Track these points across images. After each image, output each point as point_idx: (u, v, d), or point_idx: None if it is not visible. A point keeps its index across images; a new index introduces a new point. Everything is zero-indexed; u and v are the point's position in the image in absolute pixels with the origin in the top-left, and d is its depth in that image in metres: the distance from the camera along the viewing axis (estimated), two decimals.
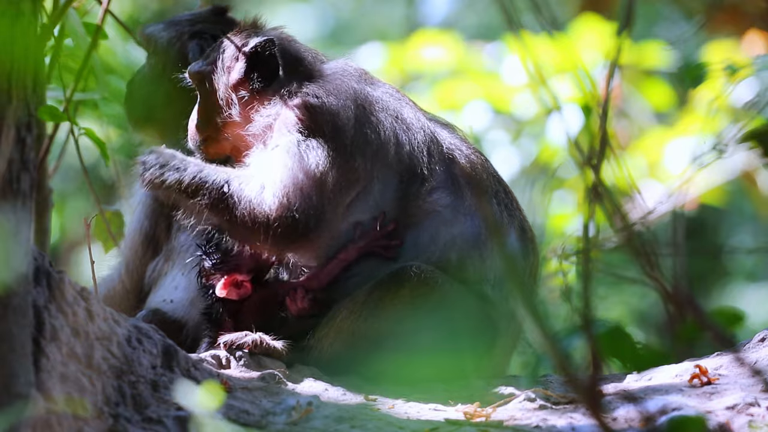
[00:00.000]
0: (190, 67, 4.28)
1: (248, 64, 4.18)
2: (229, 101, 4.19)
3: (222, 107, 4.20)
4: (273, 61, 4.17)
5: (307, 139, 4.02)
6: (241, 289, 4.08)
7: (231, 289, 4.08)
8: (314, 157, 3.99)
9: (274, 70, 4.17)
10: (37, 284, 3.17)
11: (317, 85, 4.13)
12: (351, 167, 4.02)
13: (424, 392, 3.81)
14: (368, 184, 4.05)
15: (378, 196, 4.06)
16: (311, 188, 3.96)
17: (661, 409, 3.28)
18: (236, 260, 4.09)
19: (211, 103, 4.23)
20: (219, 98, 4.20)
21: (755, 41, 7.21)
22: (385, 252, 4.03)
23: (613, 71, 3.03)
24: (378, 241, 4.03)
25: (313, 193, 3.96)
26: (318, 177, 3.97)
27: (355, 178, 4.03)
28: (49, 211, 4.89)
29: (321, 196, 3.97)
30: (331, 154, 3.99)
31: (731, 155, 3.46)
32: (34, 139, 3.01)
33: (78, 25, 4.64)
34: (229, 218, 4.00)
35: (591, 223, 2.93)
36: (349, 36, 10.05)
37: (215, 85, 4.21)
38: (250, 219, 3.96)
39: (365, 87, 4.16)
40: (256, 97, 4.17)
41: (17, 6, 2.93)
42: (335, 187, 3.99)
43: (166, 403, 3.31)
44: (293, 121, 4.06)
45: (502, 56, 7.64)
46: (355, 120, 4.06)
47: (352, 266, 4.05)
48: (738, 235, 9.08)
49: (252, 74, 4.17)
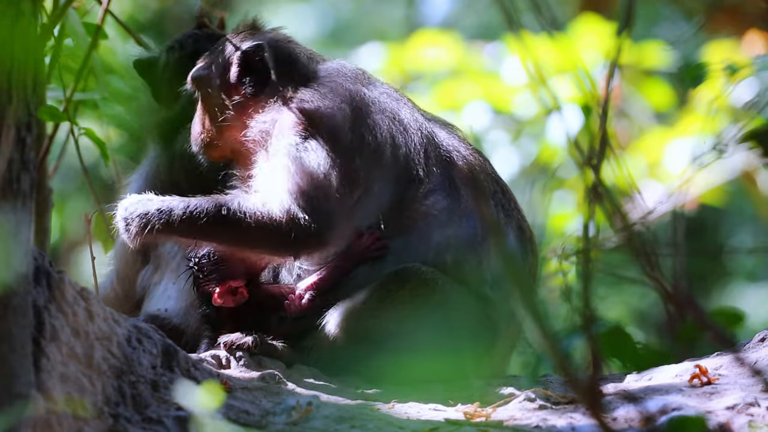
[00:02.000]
0: (191, 73, 4.27)
1: (240, 69, 4.17)
2: (224, 106, 4.17)
3: (222, 113, 4.18)
4: (264, 66, 4.16)
5: (306, 142, 4.01)
6: (237, 295, 4.08)
7: (227, 297, 4.07)
8: (315, 159, 3.97)
9: (266, 75, 4.16)
10: (37, 284, 3.17)
11: (312, 87, 4.12)
12: (352, 168, 4.01)
13: (424, 392, 3.81)
14: (369, 186, 4.04)
15: (377, 198, 4.06)
16: (317, 191, 3.95)
17: (661, 409, 3.28)
18: (227, 267, 4.07)
19: (209, 108, 4.22)
20: (218, 103, 4.19)
21: (755, 41, 7.21)
22: (378, 253, 4.04)
23: (613, 71, 3.03)
24: (375, 245, 4.03)
25: (319, 195, 3.94)
26: (322, 179, 3.96)
27: (356, 179, 4.02)
28: (49, 211, 4.88)
29: (327, 198, 3.96)
30: (332, 155, 3.98)
31: (731, 155, 3.46)
32: (34, 139, 3.01)
33: (78, 25, 4.64)
34: (236, 237, 3.96)
35: (591, 223, 2.93)
36: (349, 36, 10.05)
37: (213, 89, 4.21)
38: (259, 231, 3.92)
39: (361, 88, 4.15)
40: (251, 101, 4.16)
41: (17, 6, 2.93)
42: (340, 188, 3.97)
43: (166, 403, 3.31)
44: (291, 125, 4.04)
45: (502, 56, 7.64)
46: (351, 122, 4.05)
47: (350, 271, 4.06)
48: (738, 235, 9.08)
49: (244, 79, 4.16)
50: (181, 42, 4.67)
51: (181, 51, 4.60)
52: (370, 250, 4.03)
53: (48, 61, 4.61)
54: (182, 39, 4.69)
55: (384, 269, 4.00)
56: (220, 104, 4.17)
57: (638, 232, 3.00)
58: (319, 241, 3.95)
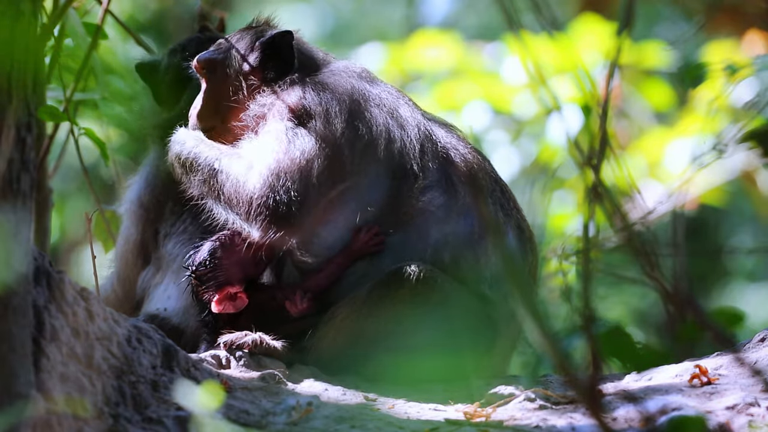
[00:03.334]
0: (200, 55, 4.30)
1: (264, 54, 4.21)
2: (241, 90, 4.22)
3: (233, 96, 4.22)
4: (289, 53, 4.22)
5: (297, 128, 4.06)
6: (236, 301, 4.08)
7: (226, 304, 4.08)
8: (301, 144, 4.03)
9: (289, 63, 4.21)
10: (37, 284, 3.17)
11: (317, 78, 4.19)
12: (338, 159, 4.05)
13: (424, 392, 3.81)
14: (357, 180, 4.06)
15: (368, 192, 4.07)
16: (295, 173, 3.99)
17: (661, 409, 3.28)
18: (224, 274, 4.08)
19: (220, 92, 4.25)
20: (230, 87, 4.23)
21: (755, 41, 7.21)
22: (376, 248, 4.04)
23: (613, 71, 3.03)
24: (371, 241, 4.04)
25: (296, 178, 3.99)
26: (303, 164, 4.01)
27: (342, 170, 4.05)
28: (49, 211, 4.89)
29: (305, 183, 4.00)
30: (319, 143, 4.03)
31: (731, 155, 3.46)
32: (34, 139, 3.01)
33: (78, 25, 4.64)
34: (218, 195, 4.08)
35: (591, 223, 2.93)
36: (349, 36, 10.05)
37: (228, 73, 4.25)
38: (236, 197, 4.04)
39: (364, 84, 4.20)
40: (265, 86, 4.20)
41: (17, 6, 2.93)
42: (320, 176, 4.01)
43: (166, 403, 3.31)
44: (286, 109, 4.10)
45: (502, 56, 7.64)
46: (347, 114, 4.09)
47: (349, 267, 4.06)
48: (738, 235, 9.08)
49: (267, 64, 4.22)
50: (184, 45, 4.68)
51: (183, 54, 4.60)
52: (369, 245, 4.04)
53: (48, 61, 4.61)
54: (184, 42, 4.70)
55: (382, 266, 4.01)
56: (235, 88, 4.21)
57: (638, 232, 2.99)
58: (286, 223, 3.98)
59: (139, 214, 4.66)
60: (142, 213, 4.65)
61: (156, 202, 4.65)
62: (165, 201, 4.62)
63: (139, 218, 4.66)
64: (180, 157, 4.20)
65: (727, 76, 3.78)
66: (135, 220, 4.67)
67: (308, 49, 4.34)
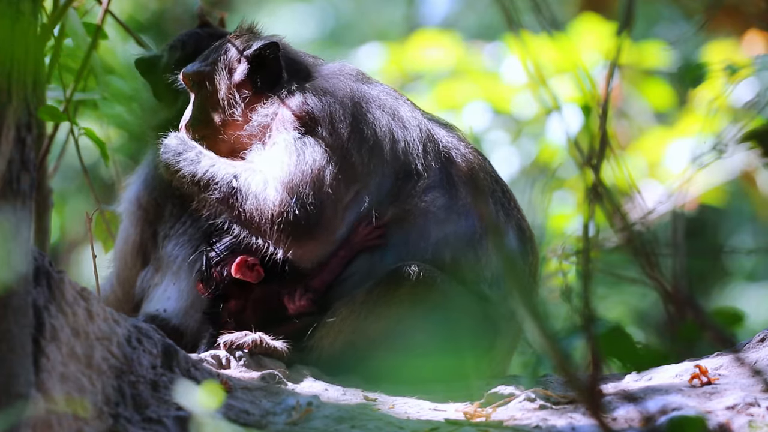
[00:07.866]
0: (187, 68, 4.29)
1: (251, 66, 4.21)
2: (231, 101, 4.21)
3: (223, 107, 4.21)
4: (276, 64, 4.20)
5: (304, 137, 4.05)
6: (254, 271, 4.08)
7: (245, 270, 4.08)
8: (311, 153, 4.02)
9: (277, 73, 4.20)
10: (37, 284, 3.17)
11: (315, 84, 4.18)
12: (349, 164, 4.04)
13: (424, 392, 3.81)
14: (367, 181, 4.06)
15: (375, 193, 4.07)
16: (309, 185, 3.98)
17: (661, 409, 3.28)
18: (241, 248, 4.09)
19: (210, 104, 4.24)
20: (220, 98, 4.22)
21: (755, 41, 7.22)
22: (377, 242, 4.04)
23: (613, 71, 3.03)
24: (372, 234, 4.04)
25: (310, 190, 3.98)
26: (315, 173, 4.00)
27: (353, 175, 4.04)
28: (49, 211, 4.89)
29: (319, 193, 3.99)
30: (328, 150, 4.03)
31: (731, 155, 3.46)
32: (34, 139, 3.01)
33: (78, 25, 4.64)
34: (238, 213, 4.04)
35: (591, 223, 2.93)
36: (349, 36, 10.06)
37: (216, 85, 4.23)
38: (256, 214, 4.01)
39: (362, 86, 4.20)
40: (257, 97, 4.20)
41: (17, 6, 2.93)
42: (334, 184, 4.01)
43: (166, 403, 3.31)
44: (290, 119, 4.09)
45: (502, 56, 7.64)
46: (351, 117, 4.09)
47: (350, 263, 4.06)
48: (738, 235, 9.08)
49: (255, 76, 4.20)
50: (183, 41, 4.67)
51: (183, 50, 4.60)
52: (369, 239, 4.04)
53: (48, 61, 4.61)
54: (184, 38, 4.69)
55: (383, 265, 4.01)
56: (225, 100, 4.20)
57: (638, 232, 3.00)
58: (307, 236, 3.98)
59: (138, 214, 4.65)
60: (141, 213, 4.64)
61: (154, 203, 4.65)
62: (164, 202, 4.62)
63: (137, 219, 4.66)
64: (195, 175, 4.12)
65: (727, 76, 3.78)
66: (133, 221, 4.67)
67: (296, 54, 4.32)
